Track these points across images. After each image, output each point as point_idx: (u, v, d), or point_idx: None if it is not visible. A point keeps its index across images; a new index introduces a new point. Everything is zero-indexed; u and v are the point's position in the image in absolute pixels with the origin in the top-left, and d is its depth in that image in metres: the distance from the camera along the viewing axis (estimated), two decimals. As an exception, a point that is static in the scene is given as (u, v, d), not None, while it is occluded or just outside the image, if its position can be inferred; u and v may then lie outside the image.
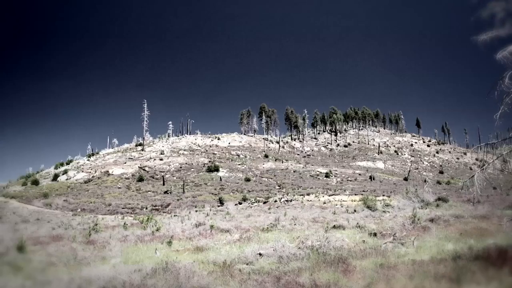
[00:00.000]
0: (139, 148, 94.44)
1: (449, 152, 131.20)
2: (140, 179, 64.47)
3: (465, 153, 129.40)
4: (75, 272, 9.35)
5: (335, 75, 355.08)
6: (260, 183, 65.94)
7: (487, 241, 11.53)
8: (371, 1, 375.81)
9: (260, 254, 11.79)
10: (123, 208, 43.93)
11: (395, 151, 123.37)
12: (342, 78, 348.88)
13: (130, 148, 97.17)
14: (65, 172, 71.95)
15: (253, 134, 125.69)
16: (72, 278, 8.38)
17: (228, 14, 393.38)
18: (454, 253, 9.74)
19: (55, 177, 68.70)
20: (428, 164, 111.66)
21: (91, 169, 72.63)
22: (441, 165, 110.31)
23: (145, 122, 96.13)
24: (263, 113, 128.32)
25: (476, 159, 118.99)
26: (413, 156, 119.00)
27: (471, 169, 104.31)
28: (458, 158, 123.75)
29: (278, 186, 64.15)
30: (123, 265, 10.54)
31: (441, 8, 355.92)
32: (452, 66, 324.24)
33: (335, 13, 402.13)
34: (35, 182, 63.83)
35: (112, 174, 68.11)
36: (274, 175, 72.86)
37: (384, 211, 27.98)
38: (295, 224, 21.72)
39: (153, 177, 67.33)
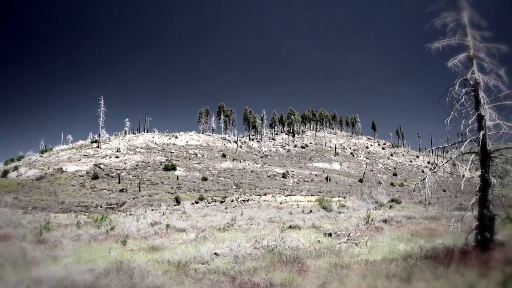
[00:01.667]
0: (95, 145, 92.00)
1: (403, 155, 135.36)
2: (95, 177, 62.81)
3: (417, 156, 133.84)
4: (24, 272, 8.94)
5: (294, 77, 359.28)
6: (217, 183, 65.72)
7: (436, 241, 11.95)
8: (329, 3, 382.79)
9: (216, 253, 11.73)
10: (76, 207, 42.58)
11: (351, 153, 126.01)
12: (301, 79, 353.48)
13: (85, 145, 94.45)
14: (16, 168, 69.03)
15: (211, 134, 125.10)
16: (20, 279, 8.00)
17: (188, 12, 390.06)
18: (405, 253, 10.02)
19: (5, 173, 65.81)
20: (383, 166, 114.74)
21: (44, 166, 70.07)
22: (395, 168, 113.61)
23: (101, 118, 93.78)
24: (222, 113, 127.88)
25: (428, 162, 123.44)
26: (368, 158, 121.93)
27: (423, 171, 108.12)
28: (411, 161, 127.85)
29: (235, 186, 64.15)
30: (75, 265, 10.23)
31: (399, 15, 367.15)
32: (407, 72, 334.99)
33: (296, 13, 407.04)
34: (-18, 179, 60.95)
35: (66, 171, 65.95)
36: (232, 175, 72.81)
37: (339, 212, 28.51)
38: (251, 224, 21.77)
39: (108, 175, 65.75)
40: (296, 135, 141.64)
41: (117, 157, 78.82)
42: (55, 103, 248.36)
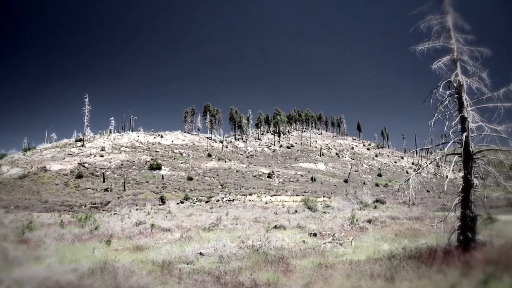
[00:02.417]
0: (79, 143, 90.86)
1: (388, 156, 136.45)
2: (79, 176, 62.03)
3: (402, 157, 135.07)
4: (5, 273, 8.80)
5: (280, 77, 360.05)
6: (203, 182, 65.51)
7: (420, 241, 12.09)
8: (316, 4, 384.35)
9: (201, 253, 11.70)
10: (60, 206, 41.97)
11: (336, 154, 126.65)
12: (288, 80, 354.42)
13: (70, 144, 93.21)
14: (-3, 166, 67.84)
15: (196, 133, 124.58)
16: (0, 280, 7.89)
17: (174, 11, 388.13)
18: (389, 253, 10.12)
19: (-14, 172, 64.58)
20: (368, 167, 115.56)
21: (27, 165, 68.93)
22: (379, 168, 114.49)
23: (86, 117, 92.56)
24: (208, 112, 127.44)
25: (412, 163, 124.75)
26: (353, 159, 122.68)
27: (407, 172, 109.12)
28: (395, 162, 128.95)
29: (221, 185, 64.02)
30: (58, 265, 10.11)
31: (384, 16, 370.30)
32: (393, 73, 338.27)
33: (283, 13, 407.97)
34: (-38, 177, 59.75)
35: (50, 170, 65.01)
36: (217, 175, 72.65)
37: (324, 212, 28.63)
38: (236, 224, 21.75)
39: (93, 174, 65.00)
40: (281, 135, 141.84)
41: (101, 156, 78.03)
42: (39, 101, 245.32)
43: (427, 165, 11.55)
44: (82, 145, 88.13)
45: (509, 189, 10.30)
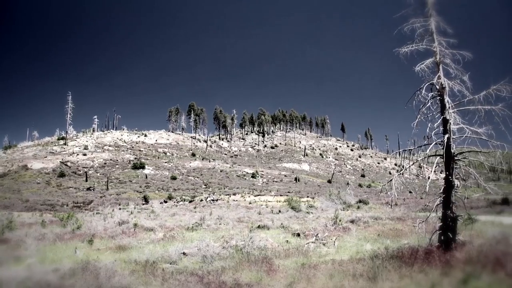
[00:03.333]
0: (62, 142, 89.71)
1: (371, 156, 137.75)
2: (62, 175, 61.27)
3: (385, 158, 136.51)
4: (-17, 273, 8.65)
5: (265, 78, 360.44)
6: (187, 182, 65.31)
7: (402, 242, 12.23)
8: (302, 5, 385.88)
9: (184, 253, 11.66)
10: (41, 205, 41.39)
11: (320, 154, 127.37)
12: (272, 80, 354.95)
13: (52, 142, 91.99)
14: (-24, 165, 66.64)
15: (181, 132, 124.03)
16: (-23, 280, 7.74)
17: (158, 10, 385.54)
18: (372, 253, 10.20)
19: (-36, 170, 63.40)
20: (351, 168, 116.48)
21: (7, 163, 67.84)
22: (363, 169, 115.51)
23: (68, 115, 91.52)
24: (192, 111, 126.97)
25: (395, 164, 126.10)
26: (337, 160, 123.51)
27: (390, 173, 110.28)
28: (378, 163, 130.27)
29: (205, 185, 63.91)
30: (39, 265, 9.95)
31: (369, 18, 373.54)
32: (377, 74, 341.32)
33: (269, 14, 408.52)
34: None
35: (31, 169, 64.05)
36: (201, 174, 72.50)
37: (308, 212, 28.76)
38: (220, 224, 21.73)
39: (75, 173, 64.31)
40: (266, 135, 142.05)
41: (84, 154, 77.19)
42: (21, 99, 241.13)
43: (410, 166, 11.69)
44: (65, 144, 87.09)
45: (489, 190, 10.48)
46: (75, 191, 53.50)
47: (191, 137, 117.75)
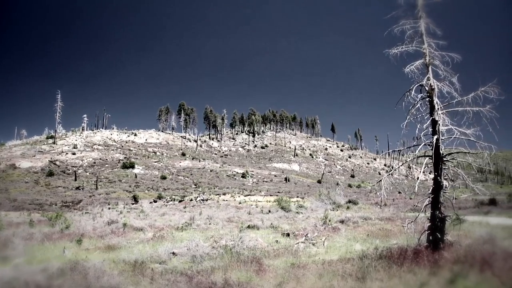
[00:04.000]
0: (51, 141, 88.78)
1: (361, 157, 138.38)
2: (50, 174, 60.66)
3: (375, 159, 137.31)
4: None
5: (256, 78, 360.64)
6: (176, 182, 65.09)
7: (391, 242, 12.30)
8: (289, 3, 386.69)
9: (173, 253, 11.62)
10: (30, 204, 40.95)
11: (310, 154, 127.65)
12: (263, 81, 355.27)
13: (41, 141, 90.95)
14: (-37, 163, 65.75)
15: (171, 132, 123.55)
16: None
17: (148, 9, 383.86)
18: (361, 253, 10.25)
19: (-50, 168, 62.51)
20: (341, 168, 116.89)
21: (-5, 161, 67.14)
22: (352, 169, 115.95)
23: (58, 113, 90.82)
24: (182, 111, 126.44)
25: (385, 165, 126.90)
26: (327, 160, 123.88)
27: (379, 173, 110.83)
28: (368, 163, 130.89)
29: (195, 185, 63.75)
30: (26, 265, 9.85)
31: (359, 19, 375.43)
32: (366, 76, 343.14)
33: (257, 14, 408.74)
34: None
35: (19, 168, 63.33)
36: (191, 174, 72.30)
37: (297, 212, 28.81)
38: (210, 224, 21.70)
39: (64, 172, 63.73)
40: (256, 135, 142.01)
41: (73, 153, 76.56)
42: (9, 97, 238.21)
43: (399, 167, 11.77)
44: (54, 143, 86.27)
45: (477, 191, 10.59)
46: (64, 190, 53.03)
47: (181, 136, 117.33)
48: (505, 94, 9.89)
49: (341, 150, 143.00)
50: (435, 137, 9.94)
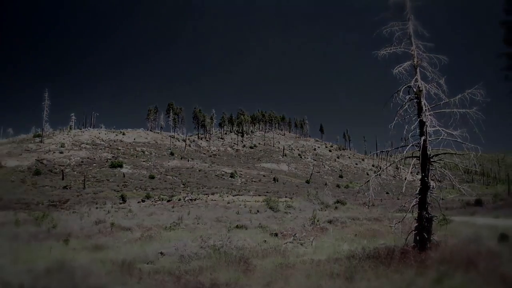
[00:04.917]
0: (38, 139, 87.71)
1: (349, 157, 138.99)
2: (37, 173, 59.94)
3: (363, 159, 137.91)
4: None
5: (245, 78, 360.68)
6: (165, 181, 64.80)
7: (378, 242, 12.39)
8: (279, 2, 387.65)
9: (161, 253, 11.59)
10: (16, 204, 40.36)
11: (299, 155, 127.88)
12: (252, 81, 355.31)
13: (27, 139, 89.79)
14: None
15: (159, 131, 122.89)
16: None
17: (137, 8, 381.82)
18: (349, 253, 10.31)
19: None
20: (329, 168, 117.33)
21: (-20, 160, 66.18)
22: (341, 170, 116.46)
23: (45, 112, 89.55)
24: (171, 110, 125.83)
25: (373, 165, 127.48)
26: (315, 160, 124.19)
27: (367, 174, 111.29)
28: (356, 164, 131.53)
29: (183, 184, 63.52)
30: (11, 265, 9.73)
31: (348, 20, 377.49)
32: (355, 76, 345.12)
33: (247, 11, 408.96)
34: None
35: (5, 166, 62.49)
36: (179, 174, 72.02)
37: (286, 212, 28.89)
38: (198, 223, 21.66)
39: (51, 171, 63.04)
40: (245, 135, 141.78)
41: (61, 152, 75.81)
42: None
43: (387, 167, 11.86)
44: (41, 141, 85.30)
45: (463, 191, 10.72)
46: (51, 189, 52.47)
47: (169, 136, 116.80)
48: (491, 96, 10.04)
49: (330, 151, 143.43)
50: (423, 138, 10.04)
